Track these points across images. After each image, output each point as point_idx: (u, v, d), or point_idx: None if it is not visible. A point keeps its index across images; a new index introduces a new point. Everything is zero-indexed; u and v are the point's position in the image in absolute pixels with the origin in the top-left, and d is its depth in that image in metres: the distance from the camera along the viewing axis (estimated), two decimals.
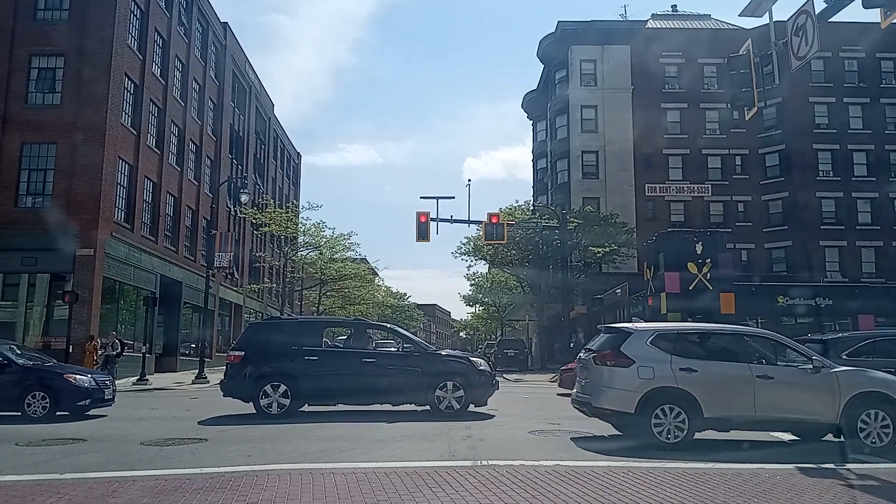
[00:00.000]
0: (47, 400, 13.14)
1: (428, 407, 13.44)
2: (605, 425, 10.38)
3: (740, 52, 12.08)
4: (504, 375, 28.95)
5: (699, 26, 50.85)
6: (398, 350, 14.51)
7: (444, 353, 14.99)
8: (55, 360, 16.32)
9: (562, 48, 50.49)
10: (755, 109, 11.99)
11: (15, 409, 13.09)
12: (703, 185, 47.24)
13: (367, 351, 14.15)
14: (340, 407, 13.81)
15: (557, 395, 19.78)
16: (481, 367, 13.90)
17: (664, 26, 50.96)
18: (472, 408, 13.58)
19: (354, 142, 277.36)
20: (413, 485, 6.82)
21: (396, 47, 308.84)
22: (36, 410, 13.08)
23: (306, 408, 13.81)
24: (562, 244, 35.42)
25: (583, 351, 11.38)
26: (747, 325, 29.39)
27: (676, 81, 48.50)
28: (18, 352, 14.62)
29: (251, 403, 13.28)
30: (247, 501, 6.17)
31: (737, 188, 46.85)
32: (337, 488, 6.67)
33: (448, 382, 13.38)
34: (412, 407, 13.84)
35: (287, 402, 13.10)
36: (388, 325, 16.42)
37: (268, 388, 13.08)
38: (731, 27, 49.41)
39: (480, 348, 59.80)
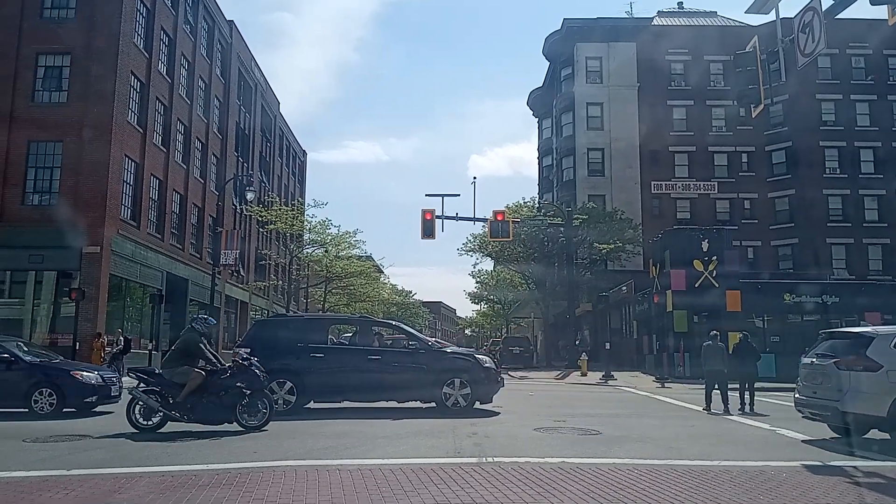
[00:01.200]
0: (54, 396, 13.19)
1: (433, 404, 13.46)
2: (611, 423, 10.37)
3: (747, 49, 12.03)
4: (509, 373, 28.98)
5: (705, 23, 50.75)
6: (404, 347, 14.51)
7: (449, 351, 15.01)
8: (62, 357, 16.37)
9: (567, 45, 50.40)
10: (762, 106, 11.95)
11: (22, 406, 13.14)
12: (709, 183, 47.09)
13: (373, 348, 14.16)
14: (346, 404, 13.84)
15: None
16: (486, 365, 13.92)
17: (670, 23, 50.83)
18: (477, 405, 13.61)
19: (359, 139, 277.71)
20: (419, 481, 6.83)
21: (400, 46, 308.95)
22: (43, 407, 13.13)
23: (312, 405, 13.85)
24: (566, 240, 35.39)
25: (812, 357, 11.28)
26: (754, 323, 29.41)
27: (682, 78, 48.37)
28: (25, 349, 14.66)
29: None
30: (253, 497, 6.20)
31: (743, 185, 46.70)
32: (343, 485, 6.69)
33: (454, 379, 13.41)
34: (417, 404, 13.87)
35: (293, 398, 13.13)
36: (394, 323, 16.45)
37: (274, 385, 13.10)
38: (737, 24, 49.26)
39: (485, 346, 59.77)
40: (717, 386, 15.44)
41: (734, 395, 15.45)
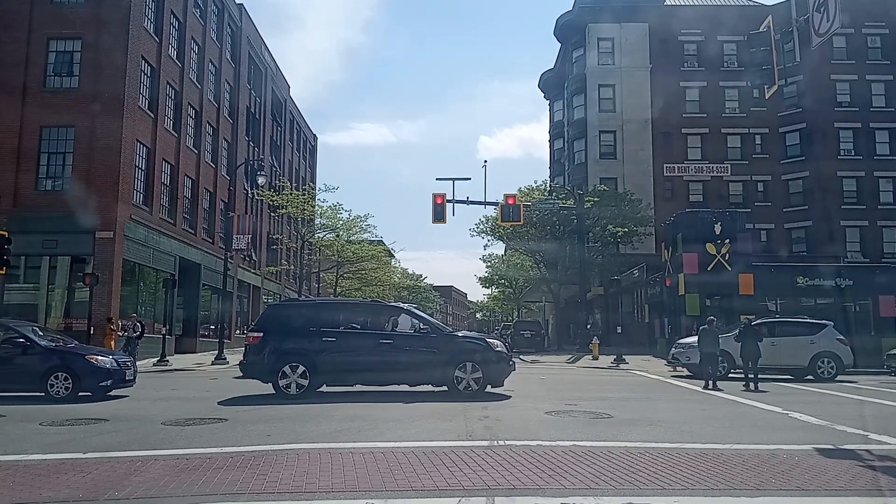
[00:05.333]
0: (70, 381, 13.34)
1: (445, 388, 13.50)
2: (622, 407, 10.35)
3: (761, 29, 11.90)
4: (521, 357, 29.04)
5: (719, 3, 50.08)
6: (415, 331, 14.54)
7: (460, 335, 15.03)
8: (77, 342, 16.52)
9: (579, 26, 49.96)
10: (775, 87, 11.85)
11: (38, 390, 13.30)
12: (722, 165, 46.72)
13: (385, 332, 14.21)
14: (358, 387, 13.92)
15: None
16: (498, 349, 13.95)
17: (683, 3, 50.19)
18: (488, 388, 13.65)
19: (367, 121, 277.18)
20: (430, 464, 6.86)
21: (407, 27, 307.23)
22: (59, 391, 13.29)
23: (324, 388, 13.94)
24: (578, 220, 35.24)
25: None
26: (767, 306, 29.28)
27: (695, 59, 47.87)
28: (41, 333, 14.81)
29: (270, 384, 13.41)
30: (267, 480, 6.25)
31: (756, 167, 46.33)
32: (355, 467, 6.73)
33: (465, 363, 13.43)
34: (429, 388, 13.91)
35: (305, 382, 13.22)
36: (405, 307, 16.46)
37: (286, 368, 13.20)
38: (751, 3, 48.62)
39: (497, 329, 59.82)
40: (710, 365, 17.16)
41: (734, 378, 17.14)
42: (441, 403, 12.09)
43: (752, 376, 16.81)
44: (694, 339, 22.14)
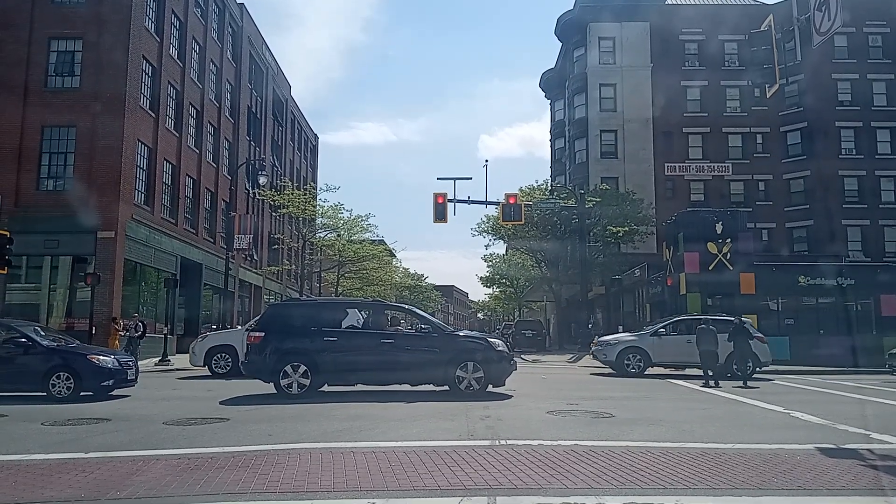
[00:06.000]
0: (71, 380, 13.33)
1: (447, 387, 13.51)
2: (624, 406, 10.36)
3: (762, 28, 11.89)
4: (522, 356, 29.03)
5: (720, 2, 50.04)
6: (417, 330, 14.57)
7: (461, 334, 15.04)
8: (78, 342, 16.53)
9: (580, 25, 49.94)
10: (777, 86, 11.84)
11: (40, 390, 13.30)
12: (723, 164, 46.70)
13: (386, 332, 14.22)
14: (360, 387, 13.92)
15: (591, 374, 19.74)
16: (499, 348, 13.95)
17: (684, 2, 50.15)
18: (490, 388, 13.65)
19: (367, 120, 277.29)
20: (432, 463, 6.86)
21: (407, 25, 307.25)
22: (61, 391, 13.29)
23: (326, 388, 13.94)
24: (579, 219, 35.24)
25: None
26: (768, 306, 29.28)
27: (696, 58, 47.84)
28: (43, 333, 14.80)
29: (272, 384, 13.42)
30: (269, 479, 6.25)
31: (758, 167, 46.29)
32: (357, 467, 6.73)
33: (467, 363, 13.43)
34: (431, 387, 13.91)
35: (307, 382, 13.21)
36: (406, 306, 16.47)
37: (288, 368, 13.20)
38: (752, 2, 48.56)
39: (498, 329, 59.82)
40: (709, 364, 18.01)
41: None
42: (442, 403, 12.08)
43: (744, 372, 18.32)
44: (613, 336, 23.10)
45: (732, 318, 21.63)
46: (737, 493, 5.89)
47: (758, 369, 20.17)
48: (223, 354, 19.61)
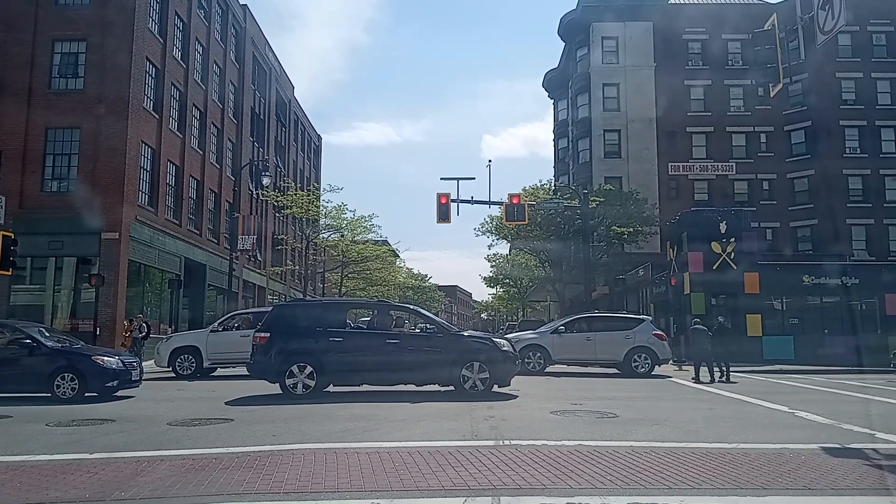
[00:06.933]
0: (76, 381, 13.36)
1: (452, 387, 13.50)
2: (628, 406, 10.34)
3: (765, 28, 11.87)
4: None
5: (723, 1, 49.96)
6: (422, 331, 14.56)
7: (466, 334, 15.05)
8: (83, 343, 16.57)
9: (583, 25, 49.88)
10: (780, 85, 11.81)
11: (45, 391, 13.33)
12: (727, 164, 46.60)
13: (392, 332, 14.22)
14: (364, 388, 13.93)
15: None
16: (504, 348, 13.94)
17: (687, 1, 50.11)
18: (495, 388, 13.64)
19: (370, 121, 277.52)
20: (436, 464, 6.86)
21: (410, 26, 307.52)
22: (65, 391, 13.32)
23: (331, 388, 13.95)
24: (583, 219, 35.23)
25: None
26: (773, 305, 29.23)
27: (700, 58, 47.76)
28: (47, 334, 14.83)
29: (277, 384, 13.43)
30: (273, 480, 6.26)
31: (762, 166, 46.19)
32: (361, 467, 6.74)
33: (472, 363, 13.43)
34: (436, 387, 13.92)
35: (312, 382, 13.22)
36: (412, 307, 16.47)
37: (293, 368, 13.21)
38: (755, 2, 48.44)
39: (501, 329, 59.77)
40: (703, 361, 19.10)
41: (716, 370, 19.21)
42: (446, 403, 12.09)
43: (725, 368, 19.22)
44: (516, 334, 23.31)
45: (635, 316, 22.83)
46: (741, 493, 5.88)
47: (657, 366, 20.78)
48: (187, 356, 19.58)
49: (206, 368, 19.82)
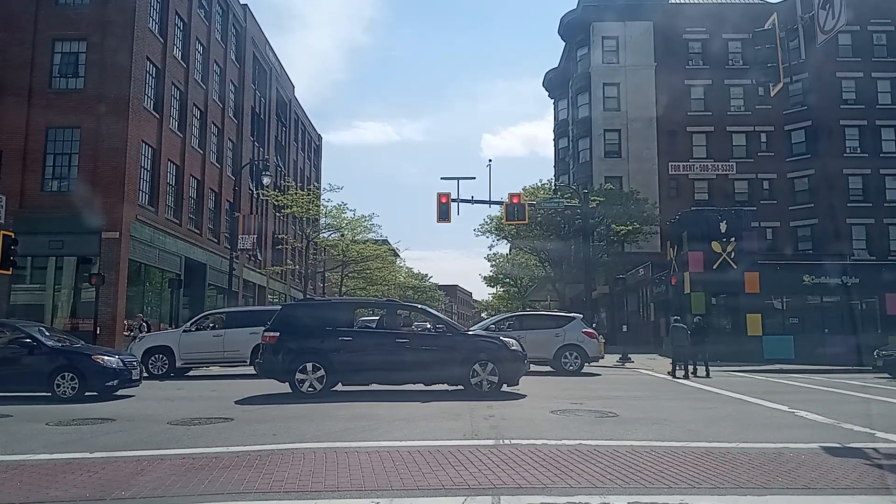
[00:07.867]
0: (76, 381, 13.36)
1: (461, 386, 13.49)
2: (628, 406, 10.34)
3: (766, 27, 11.86)
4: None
5: (723, 1, 49.97)
6: (430, 330, 14.54)
7: (475, 334, 15.04)
8: (83, 342, 16.57)
9: (583, 24, 49.90)
10: (781, 85, 11.80)
11: (45, 390, 13.33)
12: (727, 163, 46.61)
13: (401, 331, 14.20)
14: (373, 387, 13.92)
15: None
16: (513, 347, 13.85)
17: (688, 1, 50.10)
18: (504, 387, 13.63)
19: (370, 120, 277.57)
20: (436, 463, 6.87)
21: (409, 26, 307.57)
22: (65, 391, 13.32)
23: (339, 387, 13.94)
24: (583, 218, 35.24)
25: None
26: (773, 305, 29.20)
27: (700, 57, 47.76)
28: (47, 333, 14.82)
29: (287, 383, 13.44)
30: (273, 479, 6.26)
31: (762, 165, 46.18)
32: (361, 467, 6.74)
33: (481, 362, 13.41)
34: (441, 387, 13.91)
35: (321, 381, 13.23)
36: (420, 306, 16.45)
37: (303, 367, 13.20)
38: (756, 1, 48.44)
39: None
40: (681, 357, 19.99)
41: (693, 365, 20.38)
42: (447, 402, 12.09)
43: (705, 364, 20.40)
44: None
45: (566, 314, 23.21)
46: (741, 493, 5.88)
47: (586, 364, 20.86)
48: (159, 355, 19.43)
49: (179, 368, 19.68)
